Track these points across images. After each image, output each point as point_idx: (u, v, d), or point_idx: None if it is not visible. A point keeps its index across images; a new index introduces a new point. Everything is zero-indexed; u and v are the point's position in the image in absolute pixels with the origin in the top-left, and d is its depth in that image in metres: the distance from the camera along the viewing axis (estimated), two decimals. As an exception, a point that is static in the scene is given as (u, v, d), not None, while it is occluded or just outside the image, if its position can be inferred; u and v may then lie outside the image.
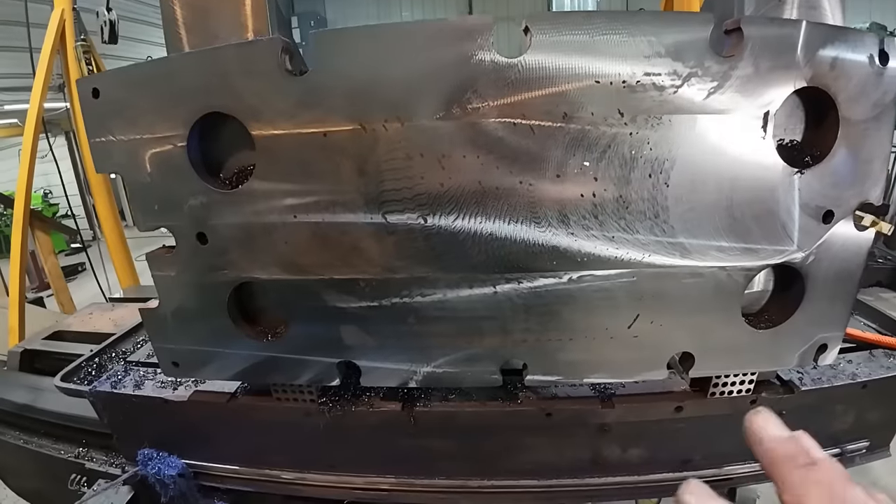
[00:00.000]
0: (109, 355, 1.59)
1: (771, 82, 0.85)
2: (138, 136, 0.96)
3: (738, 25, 0.84)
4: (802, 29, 0.85)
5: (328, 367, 1.04)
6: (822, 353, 1.07)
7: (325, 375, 1.05)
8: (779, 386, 1.16)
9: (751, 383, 1.12)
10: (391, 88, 0.83)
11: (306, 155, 0.87)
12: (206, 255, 0.98)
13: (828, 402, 1.19)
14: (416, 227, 0.88)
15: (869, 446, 1.29)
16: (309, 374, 1.06)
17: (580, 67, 0.82)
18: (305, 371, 1.06)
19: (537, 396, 1.08)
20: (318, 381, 1.06)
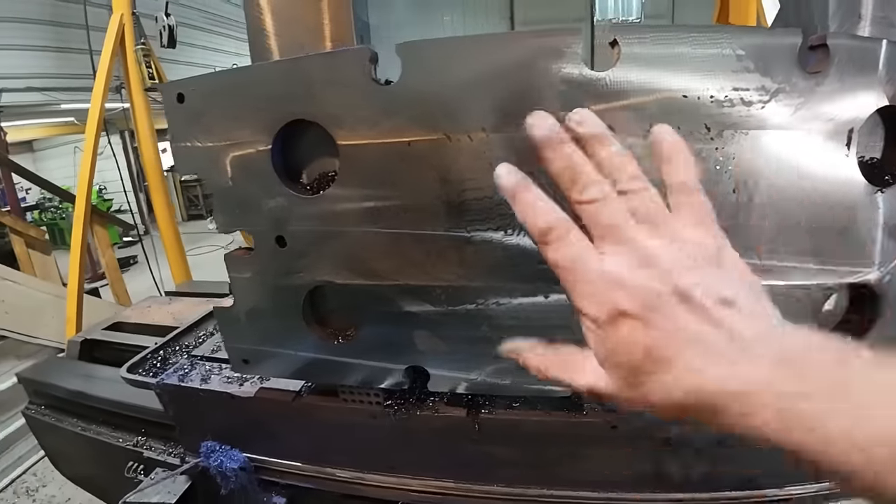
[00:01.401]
0: (173, 349, 1.65)
1: (854, 100, 0.83)
2: (222, 141, 0.99)
3: (824, 41, 0.82)
4: (884, 47, 0.83)
5: (397, 370, 1.05)
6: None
7: (393, 379, 1.06)
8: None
9: None
10: (477, 99, 0.83)
11: (389, 163, 0.89)
12: (283, 258, 1.01)
13: None
14: (496, 237, 0.89)
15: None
16: (377, 377, 1.08)
17: (668, 81, 0.81)
18: (374, 374, 1.08)
19: (603, 408, 1.07)
20: (386, 385, 1.08)
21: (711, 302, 0.38)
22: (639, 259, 0.40)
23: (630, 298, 0.39)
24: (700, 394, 0.37)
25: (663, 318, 0.38)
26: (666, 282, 0.38)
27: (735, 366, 0.36)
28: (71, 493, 3.00)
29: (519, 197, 0.46)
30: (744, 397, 0.35)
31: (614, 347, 0.41)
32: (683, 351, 0.37)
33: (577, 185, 0.43)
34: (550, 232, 0.44)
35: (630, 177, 0.43)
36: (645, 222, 0.41)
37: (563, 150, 0.44)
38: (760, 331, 0.38)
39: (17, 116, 6.52)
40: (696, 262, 0.40)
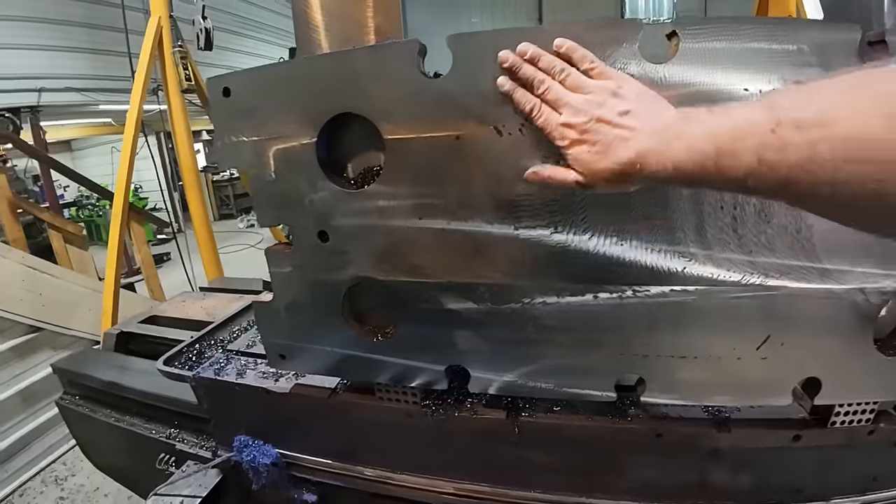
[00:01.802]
0: (208, 343, 1.67)
1: None
2: (266, 135, 1.00)
3: (882, 38, 0.79)
4: None
5: (436, 370, 1.04)
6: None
7: (432, 378, 1.05)
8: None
9: (871, 412, 1.03)
10: (528, 92, 0.82)
11: (436, 158, 0.87)
12: (325, 253, 1.01)
13: None
14: (545, 234, 0.87)
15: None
16: (416, 376, 1.06)
17: (729, 75, 0.78)
18: (413, 373, 1.06)
19: (648, 415, 1.03)
20: (424, 384, 1.06)
21: (614, 117, 0.66)
22: (573, 111, 0.69)
23: (574, 132, 0.69)
24: (619, 165, 0.65)
25: (593, 136, 0.67)
26: (588, 117, 0.68)
27: (632, 145, 0.64)
28: (99, 482, 3.06)
29: (514, 95, 0.77)
30: (640, 159, 0.63)
31: (577, 158, 0.69)
32: (608, 147, 0.66)
33: (535, 86, 0.74)
34: (532, 109, 0.75)
35: (560, 70, 0.72)
36: (575, 89, 0.71)
37: (521, 69, 0.76)
38: (646, 121, 0.65)
39: (56, 116, 6.77)
40: (604, 98, 0.68)
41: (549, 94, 0.72)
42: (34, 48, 5.55)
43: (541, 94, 0.73)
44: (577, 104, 0.69)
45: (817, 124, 0.48)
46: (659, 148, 0.61)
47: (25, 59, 5.49)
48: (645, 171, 0.63)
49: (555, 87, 0.72)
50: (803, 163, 0.49)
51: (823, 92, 0.52)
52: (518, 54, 0.76)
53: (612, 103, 0.67)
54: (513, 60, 0.76)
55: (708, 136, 0.57)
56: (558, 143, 0.71)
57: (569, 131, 0.69)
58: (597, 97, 0.68)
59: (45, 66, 5.70)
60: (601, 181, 0.68)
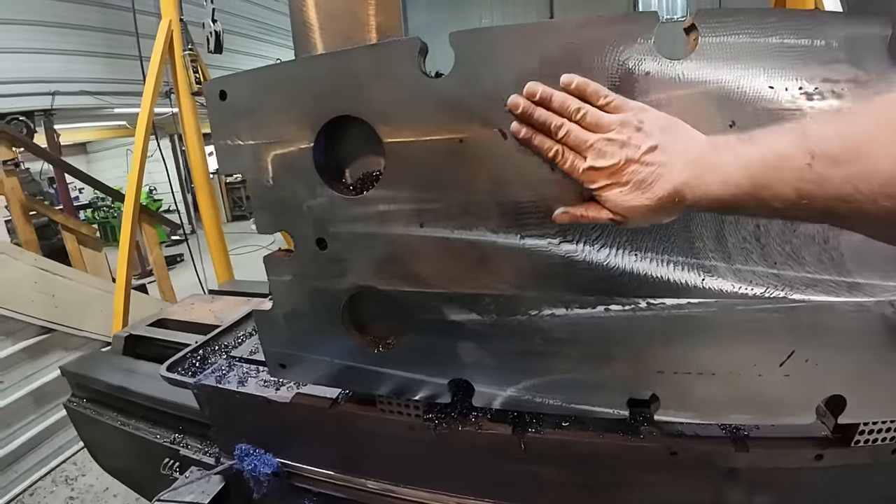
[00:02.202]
0: (213, 348, 1.65)
1: None
2: (264, 139, 0.96)
3: None
4: None
5: (439, 383, 1.00)
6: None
7: (435, 392, 1.01)
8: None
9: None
10: (535, 93, 0.77)
11: (439, 162, 0.83)
12: (324, 260, 0.97)
13: None
14: (554, 243, 0.82)
15: None
16: (418, 388, 1.02)
17: (752, 71, 0.73)
18: (415, 385, 1.02)
19: (662, 432, 0.98)
20: (427, 398, 1.02)
21: (641, 154, 0.64)
22: (598, 154, 0.66)
23: (603, 176, 0.66)
24: (657, 202, 0.63)
25: (623, 177, 0.65)
26: (615, 160, 0.65)
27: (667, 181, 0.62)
28: (109, 482, 3.07)
29: (532, 142, 0.73)
30: (677, 195, 0.62)
31: (610, 200, 0.67)
32: (640, 187, 0.64)
33: (552, 130, 0.70)
34: (556, 156, 0.71)
35: (575, 110, 0.68)
36: (594, 129, 0.67)
37: (535, 115, 0.71)
38: (676, 154, 0.63)
39: (70, 119, 6.87)
40: (627, 135, 0.65)
41: (570, 138, 0.69)
42: (49, 52, 5.63)
43: (561, 139, 0.70)
44: (600, 147, 0.66)
45: (854, 160, 0.47)
46: (693, 181, 0.60)
47: (40, 62, 5.57)
48: (682, 204, 0.62)
49: (574, 129, 0.68)
50: (843, 196, 0.48)
51: (856, 120, 0.51)
52: (527, 96, 0.71)
53: (636, 140, 0.64)
54: (524, 106, 0.72)
55: (741, 168, 0.56)
56: (588, 185, 0.69)
57: (597, 175, 0.67)
58: (620, 135, 0.65)
59: (59, 69, 5.77)
60: (638, 217, 0.67)
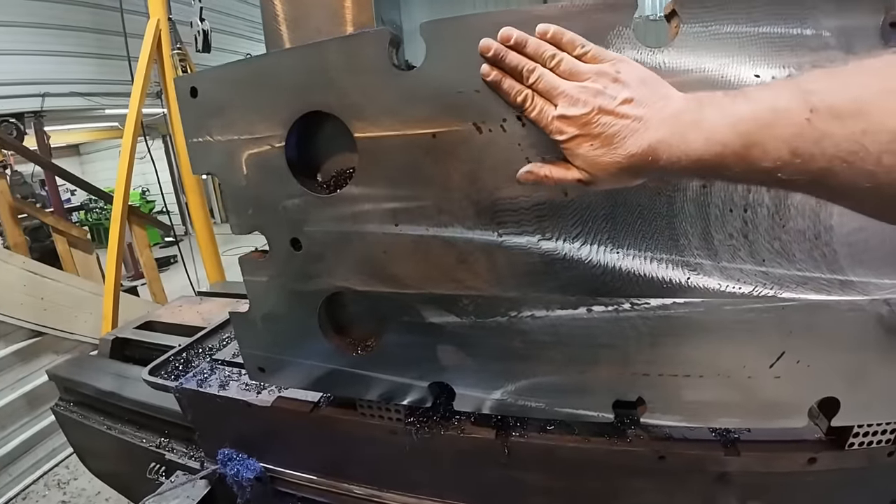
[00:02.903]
0: (196, 351, 1.62)
1: None
2: (235, 137, 0.93)
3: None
4: None
5: (419, 386, 0.96)
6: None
7: (415, 395, 0.97)
8: (916, 435, 0.97)
9: (892, 433, 0.93)
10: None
11: (412, 158, 0.80)
12: (299, 261, 0.94)
13: None
14: (532, 241, 0.79)
15: None
16: (398, 392, 0.99)
17: (737, 59, 0.69)
18: (394, 389, 0.99)
19: (649, 436, 0.95)
20: (407, 401, 0.99)
21: (616, 106, 0.59)
22: (570, 101, 0.61)
23: (574, 126, 0.61)
24: (629, 159, 0.58)
25: (595, 129, 0.60)
26: (588, 108, 0.60)
27: (642, 136, 0.57)
28: (100, 486, 3.04)
29: (501, 86, 0.69)
30: (651, 152, 0.57)
31: (578, 154, 0.62)
32: (613, 141, 0.59)
33: (524, 76, 0.66)
34: (524, 101, 0.67)
35: (550, 56, 0.64)
36: (569, 76, 0.63)
37: (507, 57, 0.67)
38: (653, 109, 0.58)
39: (62, 121, 6.81)
40: (602, 84, 0.60)
41: (541, 83, 0.64)
42: (39, 53, 5.59)
43: (532, 84, 0.65)
44: (573, 93, 0.61)
45: (858, 113, 0.44)
46: (672, 139, 0.55)
47: (29, 64, 5.52)
48: (656, 164, 0.57)
49: (546, 75, 0.64)
50: (844, 155, 0.45)
51: (859, 77, 0.47)
52: (501, 41, 0.67)
53: (612, 90, 0.60)
54: (496, 48, 0.67)
55: (730, 125, 0.51)
56: (555, 137, 0.64)
57: (567, 125, 0.62)
58: (595, 84, 0.60)
59: (49, 70, 5.73)
60: (607, 177, 0.62)
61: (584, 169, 0.63)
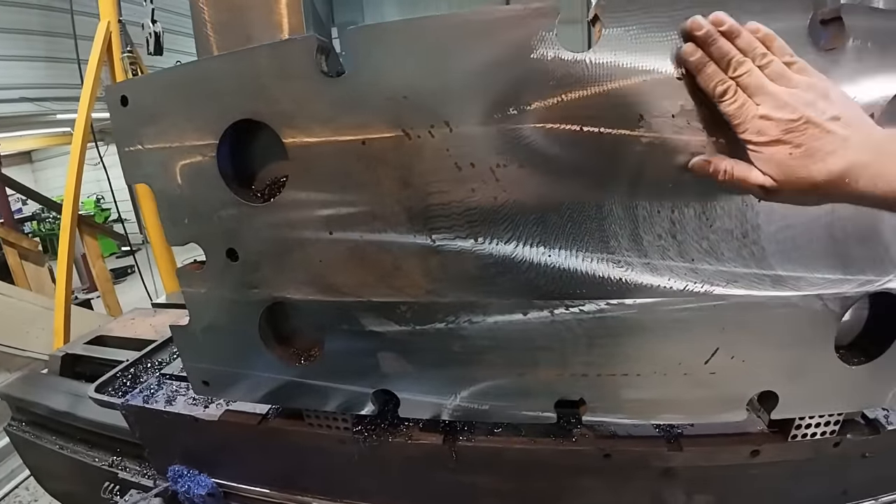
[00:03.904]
0: (145, 366, 1.57)
1: (875, 81, 0.71)
2: (168, 145, 0.90)
3: (837, 15, 0.70)
4: None
5: (364, 394, 0.95)
6: (914, 390, 0.91)
7: (360, 403, 0.96)
8: (864, 426, 1.01)
9: (836, 424, 0.97)
10: (437, 88, 0.73)
11: (343, 165, 0.79)
12: (236, 272, 0.92)
13: None
14: (465, 246, 0.79)
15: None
16: (343, 401, 0.97)
17: (660, 62, 0.70)
18: (339, 397, 0.97)
19: (595, 434, 0.96)
20: (352, 409, 0.98)
21: (825, 120, 0.59)
22: (777, 104, 0.60)
23: (776, 129, 0.60)
24: (826, 175, 0.58)
25: (798, 137, 0.59)
26: (797, 115, 0.59)
27: (845, 155, 0.58)
28: (62, 508, 2.92)
29: (704, 70, 0.66)
30: (851, 174, 0.57)
31: (770, 159, 0.62)
32: (813, 154, 0.59)
33: (731, 66, 0.63)
34: (726, 92, 0.64)
35: (761, 54, 0.63)
36: (777, 80, 0.62)
37: (717, 44, 0.64)
38: (859, 132, 0.59)
39: (11, 127, 6.51)
40: (813, 97, 0.60)
41: (750, 78, 0.62)
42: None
43: (737, 76, 0.63)
44: (783, 97, 0.60)
45: None
46: (874, 164, 0.56)
47: (-25, 69, 5.28)
48: (851, 187, 0.57)
49: (756, 71, 0.62)
50: None
51: None
52: (713, 22, 0.64)
53: (823, 104, 0.59)
54: (709, 30, 0.64)
55: None
56: (750, 136, 0.62)
57: (769, 126, 0.60)
58: (806, 94, 0.60)
59: (-3, 76, 5.48)
60: (795, 190, 0.61)
61: (772, 176, 0.62)
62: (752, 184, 0.64)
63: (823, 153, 0.58)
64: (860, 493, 1.08)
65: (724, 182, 0.66)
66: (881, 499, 1.09)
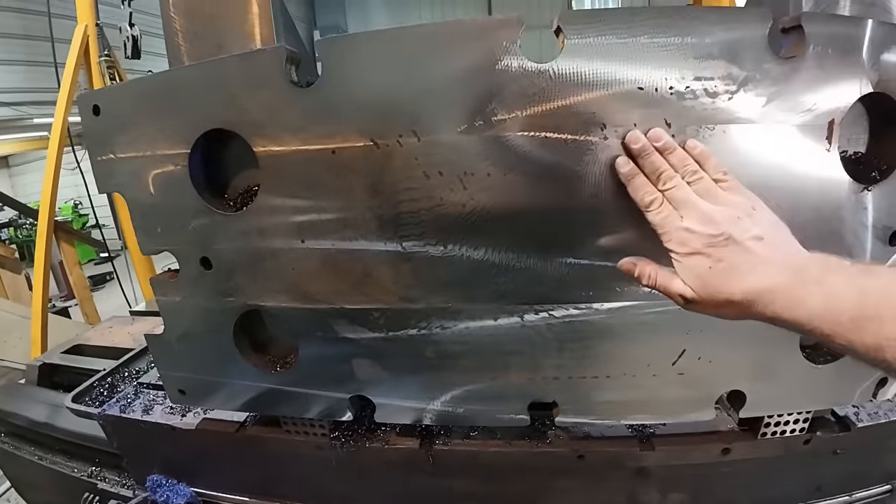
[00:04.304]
0: (122, 375, 1.55)
1: (835, 88, 0.74)
2: (140, 155, 0.90)
3: (798, 23, 0.72)
4: (868, 28, 0.73)
5: (340, 400, 0.96)
6: (881, 388, 0.95)
7: (336, 409, 0.97)
8: (834, 423, 1.04)
9: (805, 422, 0.99)
10: (405, 99, 0.74)
11: (314, 174, 0.79)
12: (210, 280, 0.92)
13: (885, 438, 1.06)
14: (435, 253, 0.80)
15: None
16: (319, 407, 0.98)
17: (621, 72, 0.72)
18: (316, 404, 0.98)
19: (569, 436, 0.98)
20: (329, 416, 0.98)
21: (746, 239, 0.60)
22: (701, 218, 0.63)
23: (698, 242, 0.62)
24: (743, 293, 0.59)
25: (718, 252, 0.61)
26: (719, 231, 0.61)
27: (763, 276, 0.59)
28: (42, 521, 2.87)
29: (633, 181, 0.70)
30: (768, 294, 0.58)
31: (691, 270, 0.63)
32: (732, 270, 0.60)
33: (661, 179, 0.67)
34: (652, 203, 0.67)
35: (692, 171, 0.66)
36: (704, 196, 0.64)
37: (650, 158, 0.69)
38: (780, 254, 0.60)
39: (-12, 132, 6.40)
40: (737, 216, 0.62)
41: (678, 192, 0.65)
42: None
43: (666, 189, 0.66)
44: (707, 212, 0.63)
45: None
46: (792, 288, 0.57)
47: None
48: (768, 308, 0.58)
49: (684, 187, 0.66)
50: None
51: None
52: (651, 139, 0.69)
53: (747, 223, 0.61)
54: (644, 145, 0.69)
55: (853, 291, 0.52)
56: (673, 247, 0.65)
57: (691, 238, 0.63)
58: (731, 211, 0.62)
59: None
60: (712, 303, 0.62)
61: (692, 286, 0.63)
62: (673, 292, 0.66)
63: (742, 271, 0.59)
64: (834, 489, 1.11)
65: (648, 284, 0.69)
66: (855, 494, 1.12)
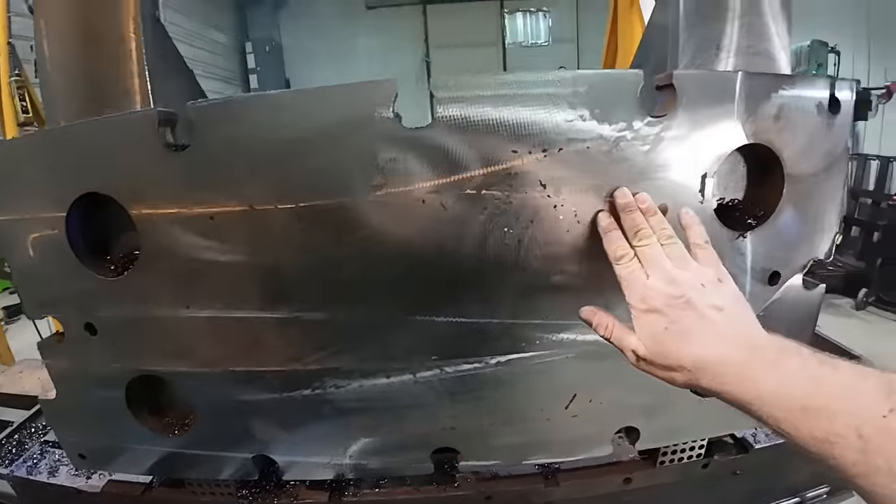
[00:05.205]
0: (29, 430, 1.46)
1: (708, 142, 0.77)
2: (18, 217, 0.86)
3: (669, 81, 0.76)
4: (740, 80, 0.78)
5: (244, 460, 0.94)
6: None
7: (241, 469, 0.95)
8: (732, 446, 1.09)
9: (701, 448, 1.05)
10: (281, 165, 0.74)
11: (192, 239, 0.77)
12: (96, 346, 0.88)
13: (784, 458, 1.11)
14: (321, 317, 0.79)
15: (829, 491, 1.22)
16: (222, 468, 0.96)
17: (494, 137, 0.73)
18: (219, 465, 0.95)
19: (476, 478, 0.99)
20: (234, 476, 0.96)
21: (705, 306, 0.61)
22: (666, 279, 0.64)
23: (658, 300, 0.62)
24: (693, 360, 0.59)
25: (675, 313, 0.61)
26: (679, 293, 0.62)
27: (716, 347, 0.58)
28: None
29: (609, 234, 0.73)
30: (719, 366, 0.57)
31: (647, 327, 0.63)
32: (685, 334, 0.60)
33: (638, 236, 0.69)
34: (623, 257, 0.69)
35: (667, 236, 0.68)
36: (674, 260, 0.66)
37: (632, 216, 0.72)
38: (737, 328, 0.60)
39: None
40: (701, 283, 0.63)
41: (650, 250, 0.67)
42: None
43: (639, 246, 0.68)
44: (672, 274, 0.64)
45: None
46: (743, 366, 0.56)
47: None
48: (718, 380, 0.57)
49: (656, 247, 0.67)
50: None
51: None
52: (637, 200, 0.72)
53: (708, 292, 0.62)
54: (629, 202, 0.72)
55: (806, 379, 0.51)
56: (634, 301, 0.65)
57: (653, 296, 0.63)
58: (696, 278, 0.63)
59: None
60: (661, 364, 0.62)
61: (645, 343, 0.63)
62: (626, 346, 0.66)
63: (695, 337, 0.59)
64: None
65: (604, 335, 0.70)
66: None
